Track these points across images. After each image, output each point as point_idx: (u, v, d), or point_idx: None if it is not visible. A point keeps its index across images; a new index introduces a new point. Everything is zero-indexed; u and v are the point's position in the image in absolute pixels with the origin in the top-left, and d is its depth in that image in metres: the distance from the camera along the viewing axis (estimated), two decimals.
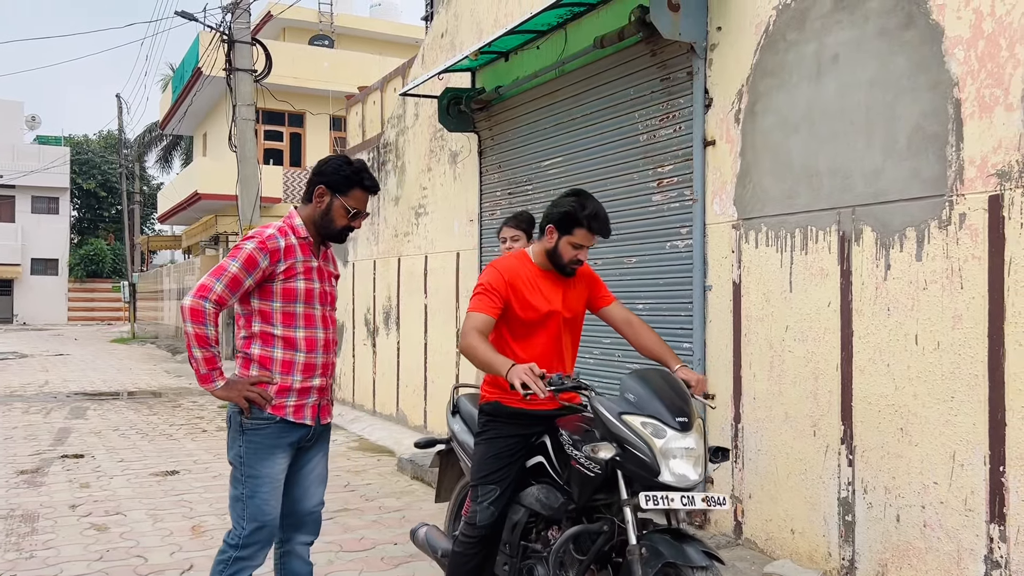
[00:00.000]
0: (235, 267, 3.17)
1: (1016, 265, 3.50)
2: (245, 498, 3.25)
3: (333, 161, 3.36)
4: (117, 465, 7.66)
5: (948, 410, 3.77)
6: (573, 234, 3.45)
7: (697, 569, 2.86)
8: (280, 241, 3.25)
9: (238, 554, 3.24)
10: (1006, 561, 3.54)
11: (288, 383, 3.27)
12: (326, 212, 3.34)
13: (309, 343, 3.33)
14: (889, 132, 4.04)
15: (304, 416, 3.32)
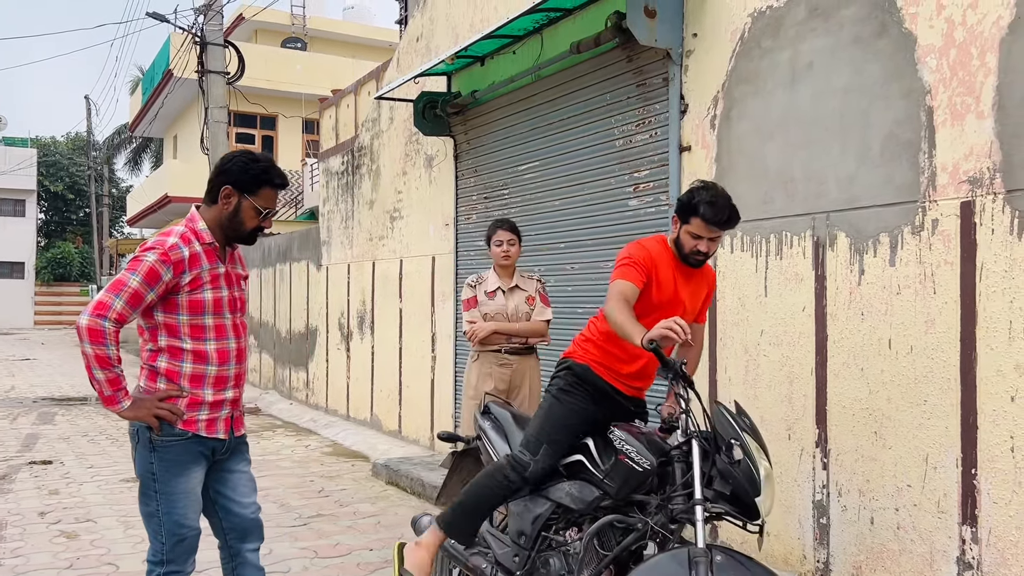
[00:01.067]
0: (136, 281, 2.94)
1: (988, 270, 3.56)
2: (161, 514, 3.08)
3: (238, 158, 3.14)
4: (87, 471, 7.55)
5: (921, 413, 3.82)
6: (690, 223, 3.39)
7: None
8: (184, 251, 3.03)
9: (164, 570, 3.10)
10: (978, 562, 3.59)
11: (199, 397, 3.09)
12: (234, 214, 3.11)
13: (221, 355, 3.13)
14: (863, 139, 4.09)
15: (217, 430, 3.15)
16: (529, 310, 4.96)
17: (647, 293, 3.49)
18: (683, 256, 3.51)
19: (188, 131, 27.38)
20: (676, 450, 3.30)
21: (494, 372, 4.93)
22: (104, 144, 38.90)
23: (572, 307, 6.16)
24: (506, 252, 4.93)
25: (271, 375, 13.71)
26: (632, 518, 3.26)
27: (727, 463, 3.10)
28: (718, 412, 3.21)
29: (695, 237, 3.41)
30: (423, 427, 8.38)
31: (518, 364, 4.95)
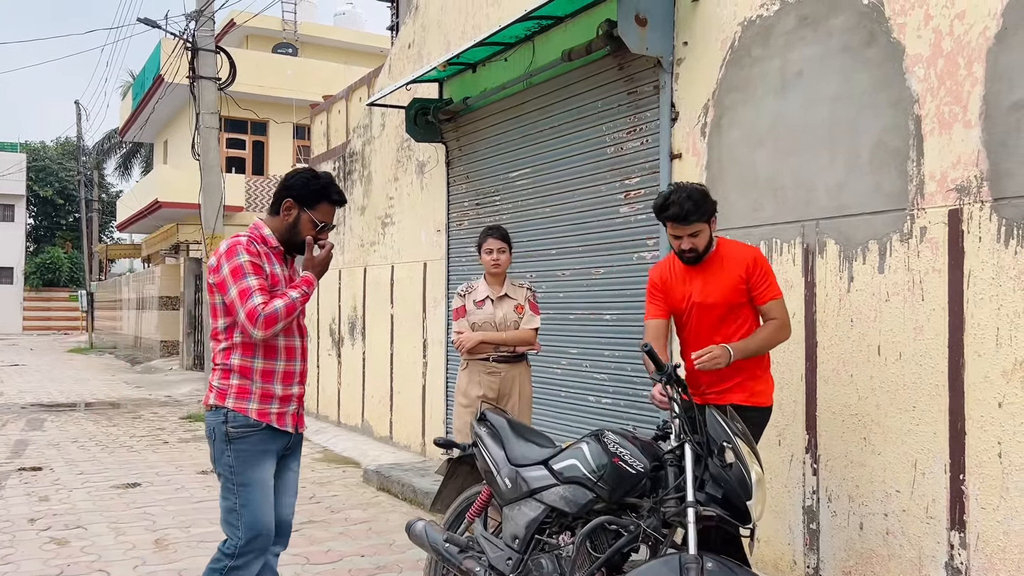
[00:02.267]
0: (252, 279, 3.20)
1: (975, 278, 3.59)
2: (239, 507, 3.25)
3: (301, 175, 3.38)
4: (77, 478, 7.52)
5: (910, 419, 3.85)
6: (667, 227, 3.70)
7: None
8: (258, 247, 3.30)
9: (233, 563, 3.25)
10: (966, 568, 3.62)
11: (271, 391, 3.30)
12: (293, 225, 3.35)
13: (289, 352, 3.36)
14: (852, 147, 4.13)
15: (286, 423, 3.35)
16: (518, 318, 4.94)
17: (672, 310, 3.87)
18: (680, 257, 3.73)
19: (179, 136, 27.31)
20: (669, 454, 3.33)
21: (483, 380, 4.91)
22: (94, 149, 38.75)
23: (563, 314, 6.18)
24: (496, 260, 4.92)
25: None
26: (624, 520, 3.28)
27: (719, 467, 3.13)
28: (711, 416, 3.24)
29: (675, 237, 3.69)
30: (414, 433, 8.38)
31: (507, 372, 4.93)
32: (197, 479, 7.51)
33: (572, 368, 6.10)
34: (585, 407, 5.90)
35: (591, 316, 5.92)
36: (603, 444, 3.45)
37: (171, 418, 11.59)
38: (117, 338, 29.22)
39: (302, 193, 3.34)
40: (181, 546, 5.40)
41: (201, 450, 9.02)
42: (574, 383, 6.07)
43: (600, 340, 5.82)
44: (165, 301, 21.48)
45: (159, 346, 21.69)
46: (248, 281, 3.19)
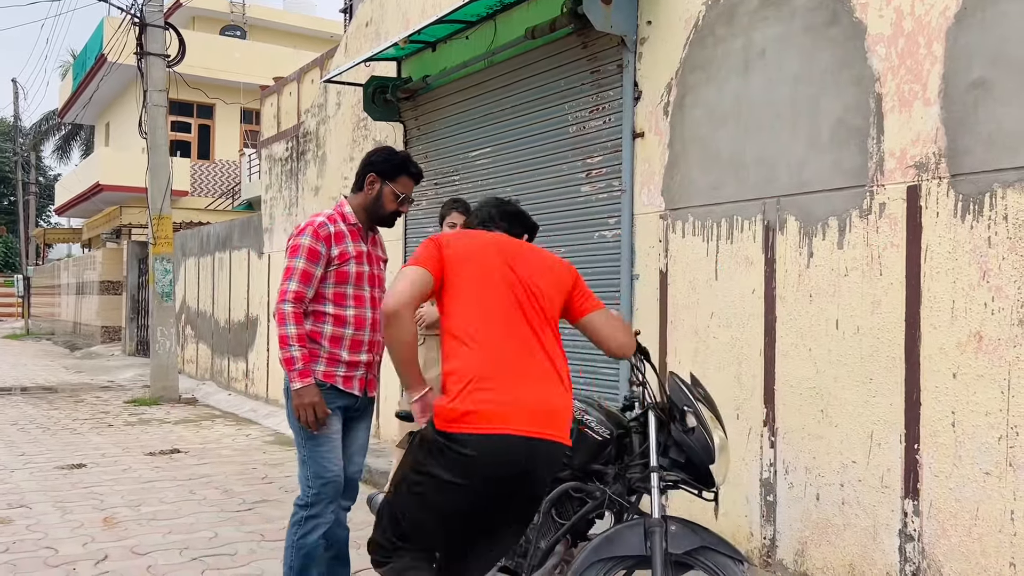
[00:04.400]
0: (302, 263, 3.46)
1: (932, 252, 3.68)
2: (307, 458, 3.52)
3: (382, 151, 3.71)
4: (18, 459, 7.31)
5: (867, 392, 3.93)
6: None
7: (736, 560, 2.92)
8: (331, 228, 3.53)
9: (308, 512, 3.51)
10: (919, 534, 3.72)
11: (338, 356, 3.53)
12: (377, 198, 3.61)
13: (358, 321, 3.58)
14: (813, 125, 4.20)
15: (352, 387, 3.58)
16: None
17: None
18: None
19: (122, 118, 26.64)
20: (634, 422, 3.36)
21: (440, 357, 4.84)
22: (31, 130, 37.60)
23: None
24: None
25: (208, 366, 13.45)
26: (590, 487, 3.30)
27: (682, 431, 3.16)
28: (673, 382, 3.28)
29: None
30: None
31: None
32: (145, 460, 7.35)
33: None
34: None
35: None
36: None
37: (115, 402, 11.32)
38: (55, 324, 28.44)
39: (384, 167, 3.60)
40: (131, 524, 5.29)
41: (148, 433, 8.85)
42: None
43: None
44: (107, 285, 20.95)
45: (100, 332, 21.17)
46: (297, 262, 3.46)
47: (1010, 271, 3.42)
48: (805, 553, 4.20)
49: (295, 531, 3.52)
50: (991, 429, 3.48)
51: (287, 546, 3.54)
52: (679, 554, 2.96)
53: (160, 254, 11.51)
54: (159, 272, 11.52)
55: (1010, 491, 3.42)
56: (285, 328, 3.43)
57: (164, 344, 11.54)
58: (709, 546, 2.97)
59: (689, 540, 2.98)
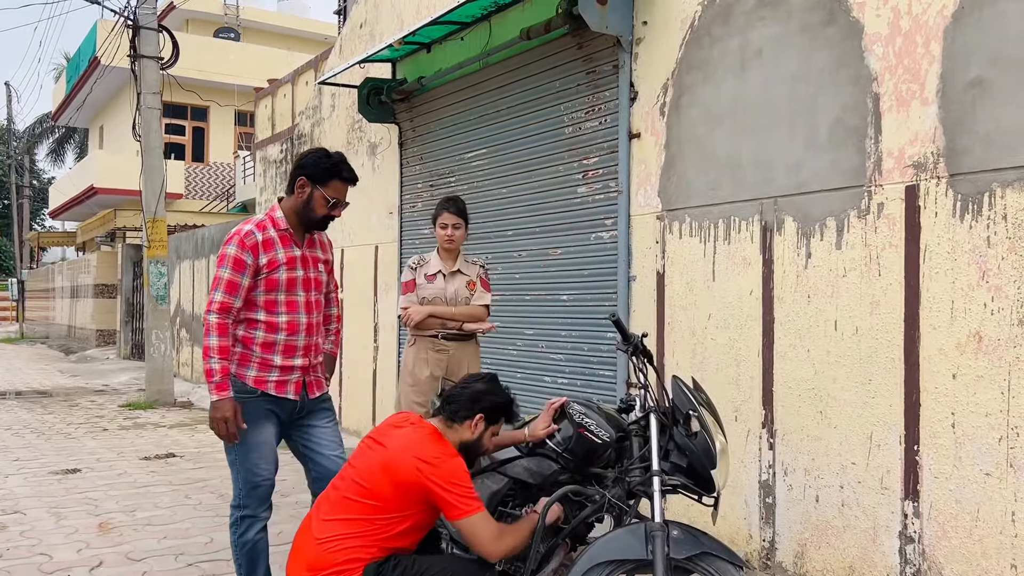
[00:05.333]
0: (227, 273, 3.43)
1: (931, 252, 3.67)
2: (238, 463, 3.56)
3: (313, 154, 3.59)
4: (12, 464, 7.26)
5: (866, 392, 3.91)
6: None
7: (736, 566, 2.89)
8: (258, 236, 3.49)
9: (242, 513, 3.58)
10: (919, 536, 3.70)
11: (269, 361, 3.52)
12: (307, 202, 3.54)
13: (291, 327, 3.56)
14: (810, 125, 4.18)
15: (286, 391, 3.57)
16: (469, 295, 4.80)
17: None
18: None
19: (116, 121, 26.55)
20: (634, 425, 3.34)
21: (430, 358, 4.74)
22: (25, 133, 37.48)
23: (520, 295, 6.16)
24: (450, 236, 4.76)
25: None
26: (590, 490, 3.27)
27: (684, 435, 3.14)
28: (676, 386, 3.25)
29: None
30: (364, 418, 8.29)
31: (455, 351, 4.76)
32: (139, 465, 7.31)
33: (528, 349, 6.08)
34: (541, 387, 5.89)
35: (548, 296, 5.91)
36: (569, 415, 3.45)
37: (110, 406, 11.27)
38: (50, 328, 28.34)
39: (314, 171, 3.53)
40: (126, 529, 5.25)
41: (143, 437, 8.80)
42: (530, 364, 6.06)
43: (557, 320, 5.82)
44: (101, 289, 20.87)
45: (95, 335, 21.09)
46: (223, 273, 3.45)
47: (1010, 271, 3.40)
48: (805, 555, 4.18)
49: (234, 531, 3.63)
50: (991, 430, 3.46)
51: (231, 545, 3.66)
52: (680, 559, 2.93)
53: (155, 257, 11.46)
54: (154, 275, 11.47)
55: (1011, 492, 3.40)
56: (208, 339, 3.40)
57: (159, 347, 11.49)
58: (710, 551, 2.95)
59: (691, 545, 2.95)
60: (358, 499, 3.00)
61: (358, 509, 2.99)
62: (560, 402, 3.56)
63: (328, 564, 2.92)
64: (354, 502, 3.00)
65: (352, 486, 3.04)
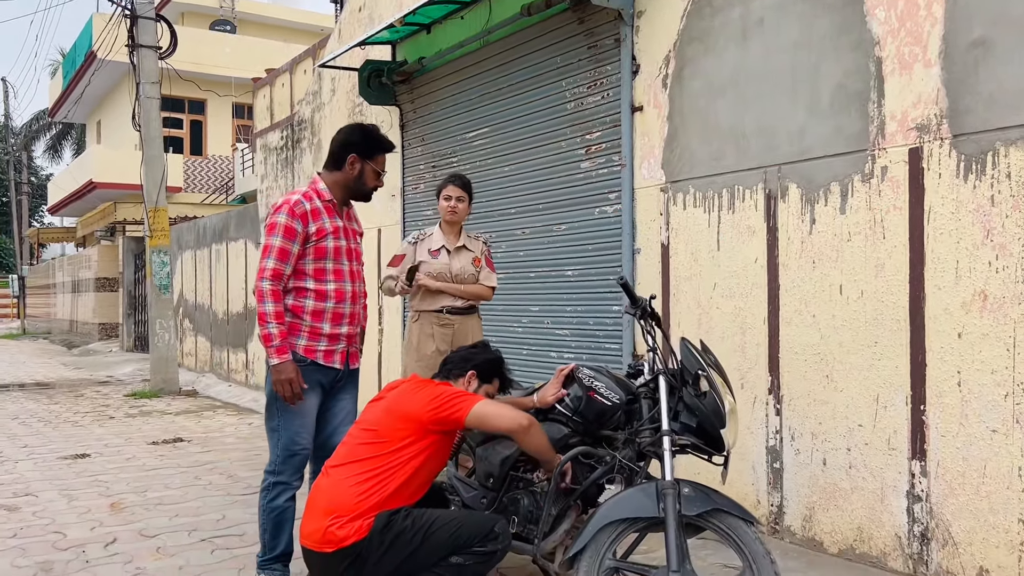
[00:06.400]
0: (278, 241, 3.51)
1: (935, 213, 3.69)
2: (280, 429, 3.62)
3: (358, 131, 3.74)
4: (21, 450, 7.30)
5: (872, 355, 3.95)
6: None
7: (747, 522, 2.92)
8: (306, 205, 3.58)
9: (275, 479, 3.63)
10: (927, 494, 3.74)
11: (319, 329, 3.61)
12: (359, 177, 3.70)
13: (339, 294, 3.66)
14: (813, 92, 4.20)
15: (333, 360, 3.68)
16: (475, 271, 4.80)
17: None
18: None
19: (113, 115, 26.54)
20: (643, 387, 3.36)
21: (435, 332, 4.75)
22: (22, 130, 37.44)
23: (524, 272, 6.19)
24: (453, 208, 4.76)
25: (207, 358, 13.44)
26: (599, 452, 3.30)
27: (693, 396, 3.17)
28: (684, 348, 3.28)
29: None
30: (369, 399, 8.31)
31: (460, 324, 4.77)
32: (148, 449, 7.34)
33: (533, 326, 6.11)
34: (547, 363, 5.92)
35: (552, 273, 5.93)
36: (578, 379, 3.48)
37: (115, 396, 11.30)
38: (51, 323, 28.38)
39: (364, 147, 3.68)
40: (138, 509, 5.29)
41: (149, 424, 8.84)
42: (535, 340, 6.09)
43: (562, 296, 5.85)
44: (103, 282, 20.90)
45: (97, 329, 21.12)
46: (274, 241, 3.52)
47: (1014, 229, 3.43)
48: (813, 518, 4.22)
49: (264, 495, 3.67)
50: (997, 387, 3.49)
51: (259, 510, 3.70)
52: (692, 516, 2.96)
53: (157, 246, 11.48)
54: (156, 264, 11.49)
55: (1017, 448, 3.44)
56: (264, 306, 3.49)
57: (163, 336, 11.52)
58: (722, 508, 2.97)
59: (702, 502, 2.98)
60: (365, 442, 3.17)
61: (366, 450, 3.14)
62: (569, 368, 3.59)
63: (343, 507, 3.03)
64: (362, 445, 3.17)
65: (360, 435, 3.21)
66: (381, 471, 3.10)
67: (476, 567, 3.03)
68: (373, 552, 3.00)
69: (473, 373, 3.40)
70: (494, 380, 3.47)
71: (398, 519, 3.03)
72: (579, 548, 2.98)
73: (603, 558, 2.98)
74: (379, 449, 3.13)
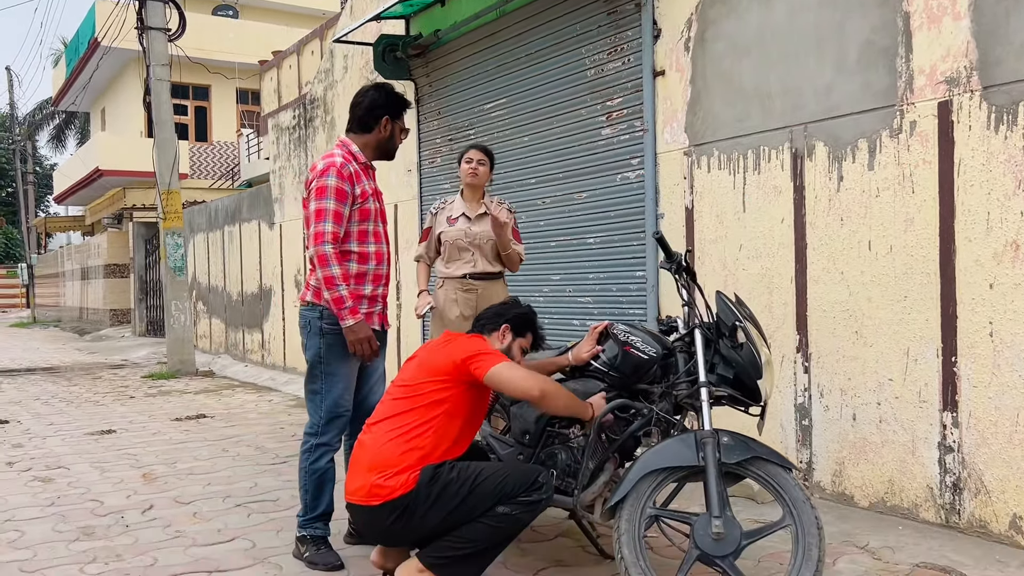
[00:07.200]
0: (332, 204, 3.52)
1: (965, 165, 3.71)
2: (324, 392, 3.67)
3: (383, 92, 3.76)
4: (48, 428, 7.37)
5: (902, 309, 3.98)
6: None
7: (786, 469, 2.96)
8: (350, 167, 3.61)
9: (317, 440, 3.69)
10: (958, 445, 3.78)
11: (361, 292, 3.65)
12: (391, 137, 3.76)
13: (378, 256, 3.72)
14: (840, 49, 4.21)
15: (372, 322, 3.72)
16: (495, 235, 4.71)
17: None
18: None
19: (117, 103, 26.54)
20: (678, 341, 3.40)
21: (459, 298, 4.76)
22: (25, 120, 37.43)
23: (545, 242, 6.22)
24: (474, 170, 4.72)
25: (222, 340, 13.51)
26: (637, 404, 3.34)
27: (730, 347, 3.21)
28: (720, 300, 3.31)
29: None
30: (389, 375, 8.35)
31: (484, 289, 4.75)
32: (172, 425, 7.41)
33: (555, 295, 6.15)
34: (570, 331, 5.96)
35: (574, 241, 5.96)
36: (613, 335, 3.52)
37: (132, 378, 11.37)
38: (61, 312, 28.47)
39: (394, 109, 3.75)
40: (170, 479, 5.35)
41: (170, 402, 8.90)
42: (557, 308, 6.12)
43: (584, 264, 5.88)
44: (113, 269, 20.96)
45: (108, 315, 21.19)
46: (326, 203, 3.52)
47: None
48: (843, 473, 4.26)
49: (306, 457, 3.72)
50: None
51: (300, 471, 3.75)
52: (731, 464, 3.00)
53: (171, 228, 11.52)
54: (170, 246, 11.53)
55: None
56: (330, 269, 3.51)
57: (179, 318, 11.58)
58: (761, 456, 3.01)
59: (741, 450, 3.02)
60: (403, 397, 3.21)
61: (403, 404, 3.19)
62: (603, 325, 3.63)
63: (387, 462, 3.08)
64: (398, 400, 3.22)
65: (396, 391, 3.26)
66: (419, 425, 3.14)
67: (522, 515, 3.08)
68: (420, 505, 3.04)
69: (507, 327, 3.44)
70: (527, 334, 3.50)
71: (443, 471, 3.08)
72: (620, 497, 3.02)
73: (644, 507, 3.02)
74: (415, 403, 3.18)
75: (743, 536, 2.94)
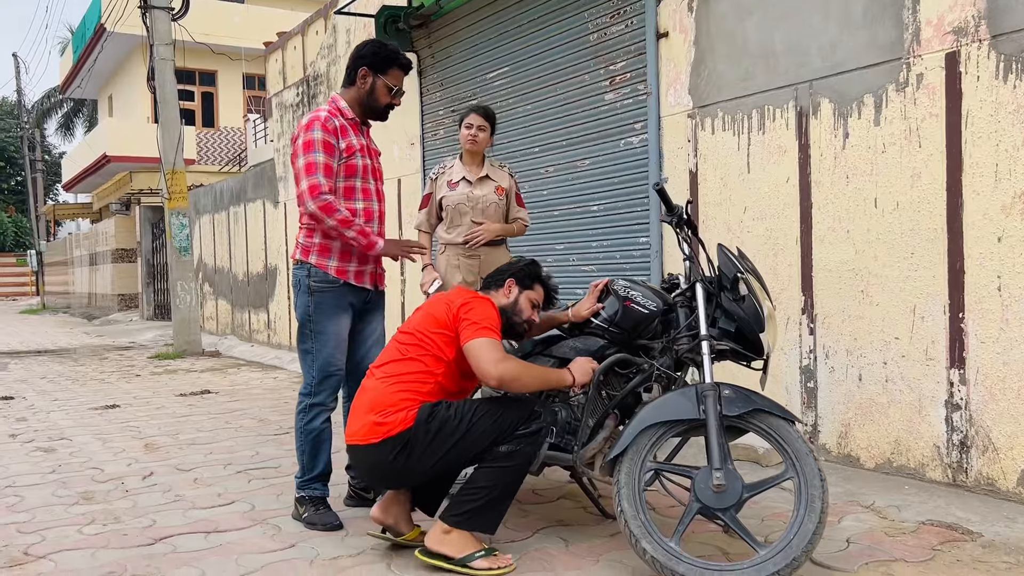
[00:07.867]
0: (321, 157, 3.47)
1: (973, 117, 3.64)
2: (314, 351, 3.62)
3: (370, 45, 3.66)
4: (52, 403, 7.37)
5: (908, 267, 3.91)
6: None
7: (789, 422, 2.91)
8: (335, 121, 3.55)
9: (311, 400, 3.65)
10: (966, 402, 3.72)
11: (349, 249, 3.60)
12: (371, 92, 3.62)
13: (367, 214, 3.64)
14: (845, 4, 4.13)
15: (364, 281, 3.68)
16: (497, 200, 4.66)
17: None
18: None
19: (124, 89, 26.51)
20: (679, 296, 3.35)
21: (461, 264, 4.67)
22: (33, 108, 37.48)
23: (548, 211, 6.16)
24: (473, 136, 4.62)
25: (229, 320, 13.51)
26: (637, 360, 3.29)
27: (732, 300, 3.15)
28: (722, 253, 3.26)
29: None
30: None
31: (486, 256, 4.66)
32: (177, 400, 7.40)
33: (558, 264, 6.09)
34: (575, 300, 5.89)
35: (577, 209, 5.90)
36: (613, 291, 3.46)
37: (139, 358, 11.39)
38: (70, 298, 28.57)
39: (374, 60, 3.60)
40: (172, 448, 5.33)
41: (175, 380, 8.90)
42: (561, 277, 6.03)
43: (587, 232, 5.82)
44: (120, 254, 20.99)
45: (116, 300, 21.24)
46: (315, 157, 3.47)
47: None
48: (848, 435, 4.21)
49: (301, 418, 3.69)
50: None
51: (296, 432, 3.73)
52: (733, 416, 2.95)
53: (175, 209, 11.51)
54: (176, 227, 11.52)
55: None
56: (337, 214, 3.48)
57: (185, 298, 11.58)
58: (763, 408, 2.96)
59: (743, 403, 2.97)
60: (407, 343, 3.20)
61: (406, 350, 3.18)
62: (604, 282, 3.57)
63: (386, 402, 3.07)
64: (403, 346, 3.20)
65: (401, 337, 3.25)
66: (421, 372, 3.13)
67: (525, 450, 3.05)
68: (420, 441, 3.03)
69: (511, 281, 3.39)
70: (535, 285, 3.44)
71: (440, 409, 3.07)
72: (619, 451, 2.97)
73: (644, 460, 2.98)
74: (417, 351, 3.16)
75: (744, 489, 2.89)
